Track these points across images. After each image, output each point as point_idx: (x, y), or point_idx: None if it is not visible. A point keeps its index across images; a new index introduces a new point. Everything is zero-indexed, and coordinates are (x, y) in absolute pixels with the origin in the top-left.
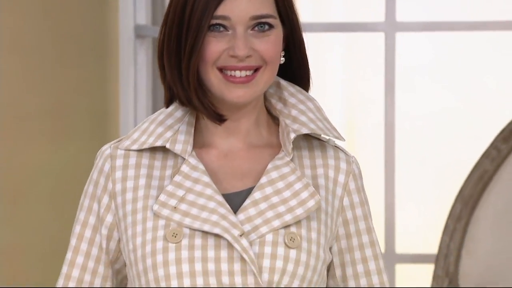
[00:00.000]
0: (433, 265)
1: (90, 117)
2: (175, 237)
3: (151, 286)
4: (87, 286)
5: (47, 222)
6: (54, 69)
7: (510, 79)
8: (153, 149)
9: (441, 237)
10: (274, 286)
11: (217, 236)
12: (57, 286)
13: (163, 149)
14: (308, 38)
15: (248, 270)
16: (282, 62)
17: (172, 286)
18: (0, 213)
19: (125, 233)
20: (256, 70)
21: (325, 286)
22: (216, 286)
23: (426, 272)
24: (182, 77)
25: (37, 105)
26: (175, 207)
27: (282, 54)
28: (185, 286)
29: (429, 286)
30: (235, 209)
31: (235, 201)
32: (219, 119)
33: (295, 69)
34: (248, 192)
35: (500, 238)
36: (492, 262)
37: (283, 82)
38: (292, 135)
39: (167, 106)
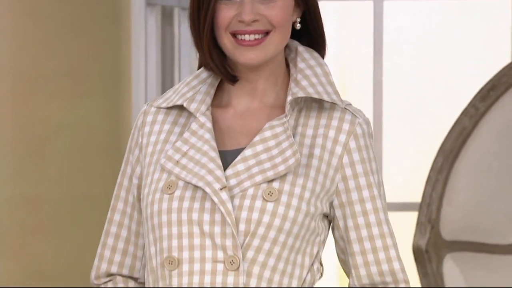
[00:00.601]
0: (417, 213)
1: (104, 78)
2: (170, 188)
3: (150, 234)
4: (126, 230)
5: (66, 173)
6: (73, 33)
7: (489, 44)
8: (181, 107)
9: (424, 187)
10: (249, 236)
11: None
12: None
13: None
14: None
15: (226, 220)
16: (298, 27)
17: (163, 233)
18: (23, 165)
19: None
20: (266, 33)
21: (322, 237)
22: (199, 234)
23: (411, 219)
24: (201, 41)
25: (56, 66)
26: (177, 161)
27: (298, 20)
28: (173, 233)
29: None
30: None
31: (234, 156)
32: (232, 79)
33: (311, 35)
34: None
35: (477, 188)
36: (470, 210)
37: (300, 48)
38: (289, 98)
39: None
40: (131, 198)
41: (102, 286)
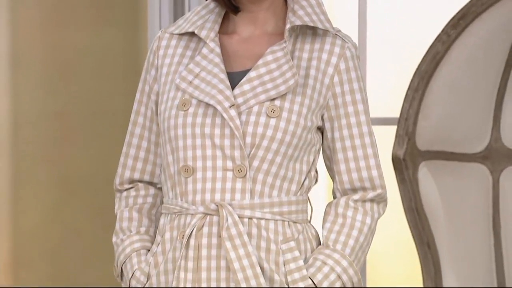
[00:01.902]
0: (396, 127)
1: (123, 8)
2: (184, 106)
3: (167, 144)
4: (146, 141)
5: (90, 91)
6: None
7: None
8: (192, 34)
9: (402, 104)
10: (255, 147)
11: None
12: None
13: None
14: None
15: (235, 134)
16: None
17: (179, 145)
18: (53, 85)
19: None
20: None
21: (317, 146)
22: (210, 145)
23: (391, 132)
24: None
25: None
26: (190, 82)
27: None
28: (188, 144)
29: None
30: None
31: (240, 77)
32: (235, 10)
33: None
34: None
35: (448, 105)
36: (442, 123)
37: None
38: (287, 26)
39: None
40: (149, 112)
41: (125, 192)
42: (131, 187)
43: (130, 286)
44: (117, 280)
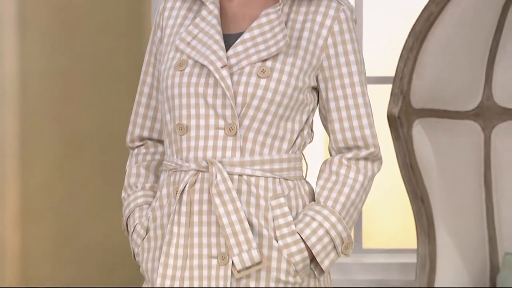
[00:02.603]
0: (391, 85)
1: None
2: (181, 66)
3: (165, 103)
4: (154, 100)
5: (95, 50)
6: None
7: None
8: None
9: (397, 64)
10: (245, 106)
11: None
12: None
13: None
14: None
15: (226, 94)
16: None
17: (175, 104)
18: (58, 43)
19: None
20: None
21: (311, 106)
22: (204, 104)
23: (387, 90)
24: None
25: None
26: (189, 43)
27: None
28: (183, 103)
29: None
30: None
31: (236, 39)
32: None
33: None
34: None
35: (442, 64)
36: (435, 82)
37: None
38: None
39: None
40: (157, 72)
41: (136, 149)
42: (141, 145)
43: (133, 239)
44: (124, 233)
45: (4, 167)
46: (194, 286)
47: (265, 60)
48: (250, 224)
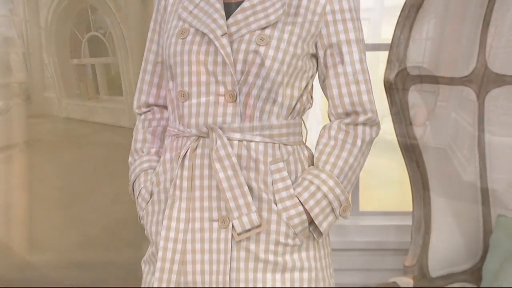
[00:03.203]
0: (388, 52)
1: None
2: (183, 34)
3: (168, 71)
4: (159, 67)
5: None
6: None
7: None
8: None
9: (394, 31)
10: (245, 73)
11: None
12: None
13: None
14: None
15: (226, 61)
16: None
17: (177, 71)
18: None
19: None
20: None
21: (310, 73)
22: (205, 72)
23: (384, 57)
24: None
25: None
26: (190, 11)
27: None
28: (184, 71)
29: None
30: None
31: (236, 7)
32: None
33: None
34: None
35: (437, 31)
36: (431, 50)
37: None
38: None
39: None
40: (162, 40)
41: (143, 115)
42: (148, 111)
43: (138, 203)
44: (131, 197)
45: (10, 139)
46: (196, 248)
47: (264, 28)
48: (250, 188)
